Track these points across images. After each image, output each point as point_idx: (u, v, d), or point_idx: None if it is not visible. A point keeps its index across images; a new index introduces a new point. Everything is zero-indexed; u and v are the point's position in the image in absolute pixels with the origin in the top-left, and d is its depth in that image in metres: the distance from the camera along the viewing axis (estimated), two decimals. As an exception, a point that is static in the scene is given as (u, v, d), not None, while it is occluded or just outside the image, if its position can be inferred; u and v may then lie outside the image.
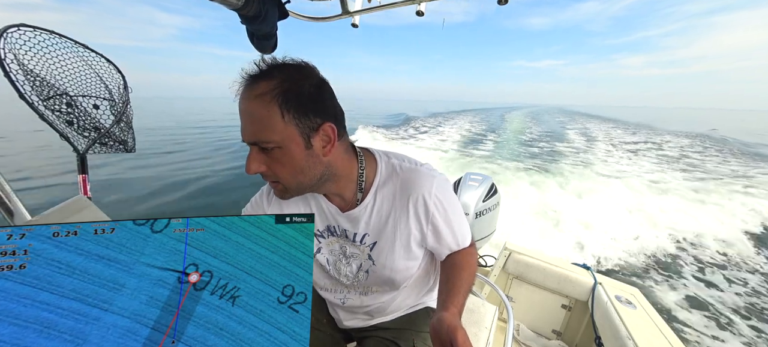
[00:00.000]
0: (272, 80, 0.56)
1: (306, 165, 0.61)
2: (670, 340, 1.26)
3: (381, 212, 0.73)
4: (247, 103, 0.56)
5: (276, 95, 0.55)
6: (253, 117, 0.56)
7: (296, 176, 0.62)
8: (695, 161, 11.43)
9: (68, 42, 1.17)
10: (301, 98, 0.57)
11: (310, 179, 0.64)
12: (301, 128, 0.58)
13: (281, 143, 0.57)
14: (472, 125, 22.48)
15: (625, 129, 23.55)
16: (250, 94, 0.56)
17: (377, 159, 0.75)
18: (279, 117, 0.56)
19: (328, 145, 0.62)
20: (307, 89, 0.58)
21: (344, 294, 0.85)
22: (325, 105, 0.61)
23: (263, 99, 0.55)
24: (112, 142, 1.28)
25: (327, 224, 0.77)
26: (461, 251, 0.80)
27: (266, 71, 0.58)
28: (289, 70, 0.59)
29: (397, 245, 0.74)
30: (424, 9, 1.21)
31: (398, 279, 0.79)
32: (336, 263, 0.79)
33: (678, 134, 20.54)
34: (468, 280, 0.73)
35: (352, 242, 0.76)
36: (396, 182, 0.72)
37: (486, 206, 1.94)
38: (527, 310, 1.89)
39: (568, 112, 64.32)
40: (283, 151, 0.58)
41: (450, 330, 0.53)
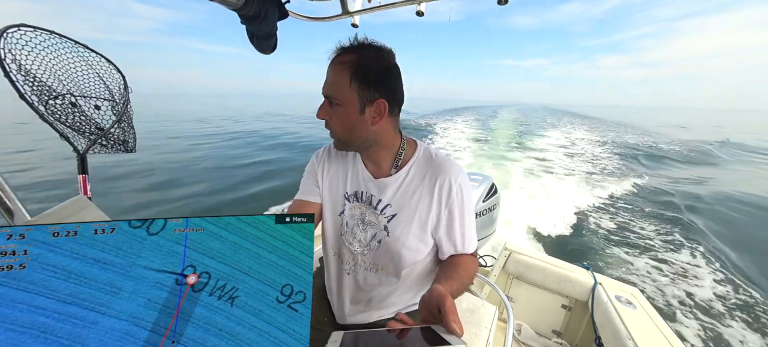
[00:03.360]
0: (352, 55, 0.71)
1: (355, 126, 0.74)
2: (670, 340, 1.26)
3: (409, 187, 0.81)
4: (332, 66, 0.72)
5: (350, 66, 0.70)
6: (332, 77, 0.72)
7: (346, 132, 0.76)
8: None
9: (68, 42, 1.17)
10: (368, 73, 0.70)
11: (356, 138, 0.77)
12: (360, 96, 0.71)
13: (342, 102, 0.72)
14: (465, 124, 22.43)
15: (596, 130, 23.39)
16: (336, 60, 0.72)
17: (418, 144, 0.87)
18: (347, 83, 0.70)
19: (377, 117, 0.74)
20: (374, 68, 0.71)
21: (351, 265, 0.88)
22: (385, 85, 0.73)
23: (342, 66, 0.71)
24: (112, 142, 1.28)
25: (356, 189, 0.86)
26: (463, 255, 0.83)
27: (351, 47, 0.73)
28: (367, 51, 0.72)
29: (415, 222, 0.80)
30: (424, 9, 1.21)
31: (405, 258, 0.82)
32: (354, 227, 0.86)
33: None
34: (464, 278, 0.75)
35: (374, 209, 0.83)
36: (429, 165, 0.82)
37: (486, 206, 1.94)
38: (527, 310, 1.89)
39: (553, 110, 65.04)
40: (342, 109, 0.72)
41: (439, 297, 0.53)
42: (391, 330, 0.51)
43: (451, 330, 0.48)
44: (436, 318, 0.52)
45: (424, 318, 0.56)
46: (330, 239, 0.92)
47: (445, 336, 0.46)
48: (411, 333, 0.50)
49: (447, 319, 0.49)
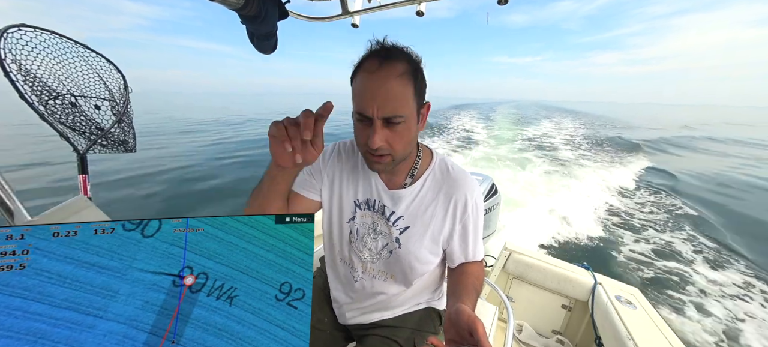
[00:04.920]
0: (406, 63, 0.63)
1: (414, 138, 0.70)
2: (670, 340, 1.26)
3: (423, 201, 0.78)
4: (387, 81, 0.60)
5: (411, 75, 0.62)
6: (392, 93, 0.61)
7: (406, 148, 0.68)
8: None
9: (68, 42, 1.17)
10: (422, 79, 0.65)
11: (410, 151, 0.72)
12: (417, 106, 0.66)
13: (408, 118, 0.64)
14: (466, 122, 22.43)
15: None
16: (391, 73, 0.61)
17: (434, 155, 0.83)
18: (411, 96, 0.63)
19: (422, 122, 0.70)
20: (421, 71, 0.66)
21: (360, 272, 0.85)
22: (425, 87, 0.68)
23: (403, 79, 0.61)
24: (112, 142, 1.28)
25: (368, 197, 0.82)
26: (473, 263, 0.84)
27: (399, 53, 0.64)
28: (410, 54, 0.66)
29: (427, 236, 0.79)
30: (424, 9, 1.21)
31: (416, 269, 0.81)
32: (364, 236, 0.83)
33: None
34: (477, 287, 0.76)
35: (387, 220, 0.80)
36: (445, 180, 0.79)
37: (486, 206, 1.94)
38: (527, 310, 1.89)
39: (547, 106, 65.30)
40: (406, 125, 0.64)
41: (470, 320, 0.52)
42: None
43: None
44: (467, 340, 0.52)
45: (451, 338, 0.55)
46: (337, 244, 0.89)
47: None
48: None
49: (482, 345, 0.49)
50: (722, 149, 15.50)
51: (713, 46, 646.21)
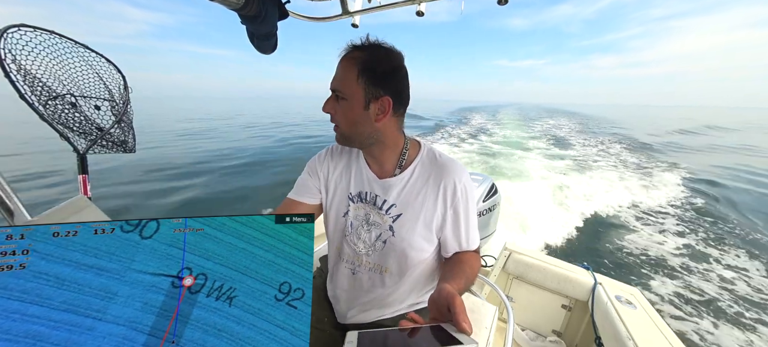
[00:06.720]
0: (362, 52, 0.73)
1: (359, 121, 0.75)
2: (670, 340, 1.26)
3: (413, 188, 0.82)
4: (342, 61, 0.74)
5: (359, 63, 0.72)
6: (340, 72, 0.74)
7: (350, 126, 0.77)
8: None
9: (68, 42, 1.17)
10: (375, 71, 0.72)
11: (360, 134, 0.78)
12: (366, 93, 0.73)
13: (348, 97, 0.73)
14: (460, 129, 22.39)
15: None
16: (347, 56, 0.74)
17: (422, 145, 0.87)
18: (355, 78, 0.72)
19: (381, 114, 0.75)
20: (382, 66, 0.73)
21: (356, 266, 0.88)
22: (391, 84, 0.75)
23: (351, 62, 0.73)
24: (112, 142, 1.28)
25: (360, 189, 0.86)
26: (467, 252, 0.85)
27: (362, 46, 0.75)
28: (377, 50, 0.75)
29: (420, 222, 0.81)
30: (424, 9, 1.21)
31: (411, 257, 0.83)
32: (358, 228, 0.86)
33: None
34: (470, 275, 0.76)
35: (379, 210, 0.83)
36: (434, 166, 0.82)
37: (486, 206, 1.94)
38: (527, 310, 1.89)
39: (549, 109, 65.44)
40: (347, 103, 0.74)
41: (448, 296, 0.54)
42: (402, 329, 0.51)
43: (462, 329, 0.49)
44: (446, 316, 0.53)
45: (433, 317, 0.57)
46: (334, 241, 0.92)
47: (456, 335, 0.47)
48: (422, 331, 0.50)
49: (457, 318, 0.50)
50: (722, 148, 15.53)
51: (712, 48, 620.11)
